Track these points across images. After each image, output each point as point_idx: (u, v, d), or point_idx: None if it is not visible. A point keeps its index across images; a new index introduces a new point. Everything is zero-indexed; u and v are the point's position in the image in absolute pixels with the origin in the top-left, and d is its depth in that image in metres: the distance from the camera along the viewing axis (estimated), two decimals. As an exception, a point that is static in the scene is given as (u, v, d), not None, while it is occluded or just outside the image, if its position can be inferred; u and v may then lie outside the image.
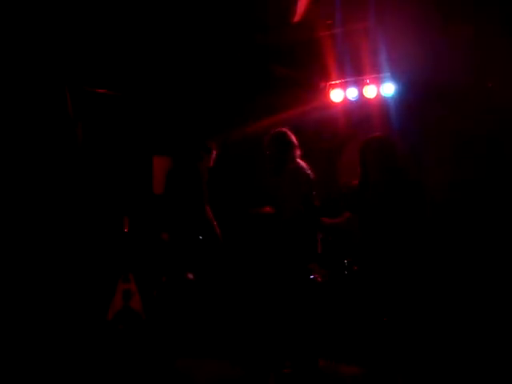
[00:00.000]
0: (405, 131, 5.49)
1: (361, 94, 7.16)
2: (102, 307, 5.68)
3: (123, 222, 6.25)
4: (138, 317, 5.82)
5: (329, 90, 7.42)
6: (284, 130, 5.19)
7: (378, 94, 7.02)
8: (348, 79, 7.21)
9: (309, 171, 5.07)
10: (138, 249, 6.40)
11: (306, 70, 7.10)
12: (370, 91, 7.05)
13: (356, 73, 7.05)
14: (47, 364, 4.64)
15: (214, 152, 6.24)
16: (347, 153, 7.46)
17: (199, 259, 5.95)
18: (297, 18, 5.77)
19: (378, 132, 5.07)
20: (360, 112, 7.34)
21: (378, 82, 6.98)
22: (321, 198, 5.50)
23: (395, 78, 6.60)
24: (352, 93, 7.24)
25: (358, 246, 4.81)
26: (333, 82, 7.36)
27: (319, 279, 5.51)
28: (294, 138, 5.16)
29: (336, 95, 7.38)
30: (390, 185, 4.41)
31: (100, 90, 6.76)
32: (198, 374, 4.64)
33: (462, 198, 5.11)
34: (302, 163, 5.06)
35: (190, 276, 5.83)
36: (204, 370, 4.71)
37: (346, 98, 7.34)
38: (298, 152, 5.11)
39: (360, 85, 7.15)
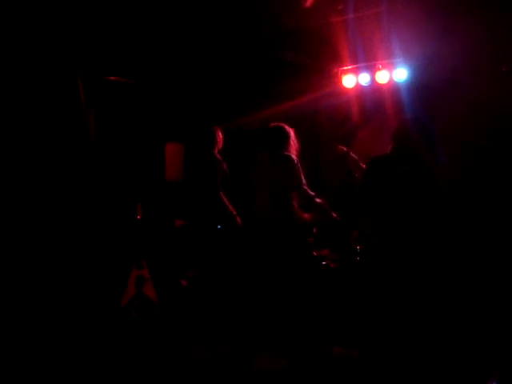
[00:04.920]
0: (417, 117, 5.47)
1: (373, 79, 7.14)
2: (115, 294, 5.65)
3: (136, 209, 6.14)
4: (151, 303, 5.74)
5: (341, 75, 7.41)
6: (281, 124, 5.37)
7: (391, 80, 7.00)
8: (360, 65, 7.20)
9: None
10: (151, 236, 6.31)
11: (318, 56, 7.06)
12: (383, 77, 7.03)
13: (368, 58, 7.03)
14: (59, 351, 4.68)
15: (221, 135, 6.30)
16: (360, 138, 7.47)
17: (217, 248, 6.04)
18: (308, 3, 5.73)
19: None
20: (372, 98, 7.34)
21: (391, 67, 6.97)
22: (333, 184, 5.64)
23: (408, 63, 6.75)
24: (364, 78, 7.22)
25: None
26: (345, 68, 7.35)
27: (332, 265, 5.60)
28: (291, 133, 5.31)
29: (348, 81, 7.37)
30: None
31: (112, 78, 6.70)
32: (214, 362, 4.64)
33: (475, 185, 5.25)
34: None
35: (184, 283, 5.92)
36: (221, 358, 4.71)
37: (358, 84, 7.32)
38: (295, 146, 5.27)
39: (372, 70, 7.13)
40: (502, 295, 4.63)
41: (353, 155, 5.62)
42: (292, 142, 5.32)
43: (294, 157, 5.23)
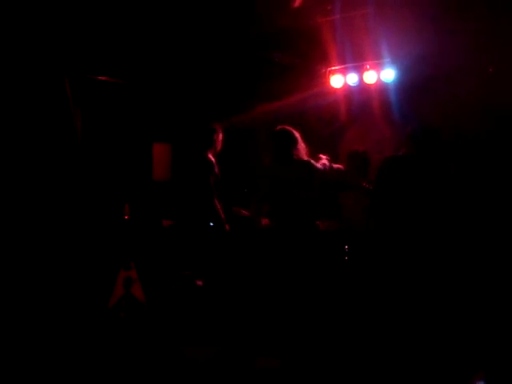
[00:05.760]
0: (405, 117, 5.53)
1: (361, 79, 7.11)
2: (102, 295, 5.60)
3: (124, 209, 6.12)
4: (139, 304, 5.73)
5: (329, 75, 7.37)
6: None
7: (378, 80, 6.99)
8: (348, 65, 7.16)
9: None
10: (138, 236, 6.29)
11: (306, 56, 7.05)
12: (370, 77, 7.01)
13: (356, 59, 7.00)
14: (47, 353, 4.61)
15: (221, 134, 6.16)
16: (347, 138, 7.44)
17: (209, 246, 5.98)
18: (296, 3, 5.73)
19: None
20: (360, 98, 7.33)
21: (378, 67, 6.95)
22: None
23: (395, 63, 6.75)
24: (352, 78, 7.20)
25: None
26: (333, 68, 7.30)
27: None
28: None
29: (336, 81, 7.33)
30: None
31: (101, 78, 6.69)
32: (202, 361, 4.58)
33: (465, 185, 5.13)
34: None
35: (199, 283, 5.89)
36: (208, 356, 4.63)
37: (346, 84, 7.30)
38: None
39: (360, 70, 7.10)
40: (501, 296, 4.66)
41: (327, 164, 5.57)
42: (300, 145, 5.27)
43: (309, 160, 5.25)
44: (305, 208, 5.15)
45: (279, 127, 5.30)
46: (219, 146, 6.12)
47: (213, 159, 6.01)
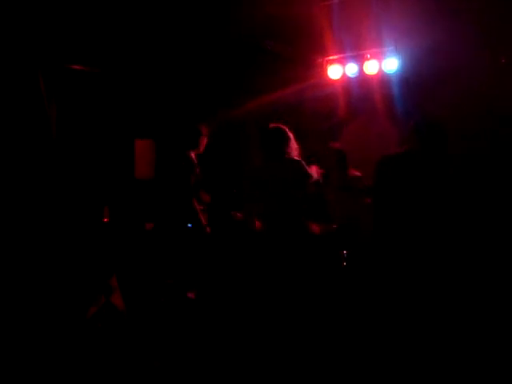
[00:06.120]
0: (408, 111, 5.64)
1: (361, 70, 6.96)
2: (80, 304, 5.44)
3: (103, 212, 6.21)
4: (119, 313, 5.58)
5: (326, 66, 7.17)
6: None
7: (380, 71, 6.82)
8: (347, 54, 6.99)
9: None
10: (119, 241, 6.29)
11: (301, 44, 6.83)
12: (371, 67, 6.83)
13: (356, 47, 6.86)
14: (21, 364, 4.44)
15: (205, 137, 6.09)
16: (346, 134, 7.28)
17: (187, 248, 5.85)
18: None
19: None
20: (360, 90, 7.17)
21: (380, 56, 6.77)
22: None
23: (399, 52, 6.56)
24: (351, 69, 7.03)
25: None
26: (330, 58, 7.12)
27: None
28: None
29: (334, 72, 7.14)
30: None
31: (75, 67, 6.45)
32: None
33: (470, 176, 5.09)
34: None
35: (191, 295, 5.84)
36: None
37: (344, 75, 7.12)
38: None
39: (360, 60, 6.94)
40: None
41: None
42: (292, 145, 5.15)
43: (300, 159, 5.16)
44: (297, 209, 5.08)
45: (272, 125, 5.19)
46: (202, 148, 6.05)
47: (195, 159, 5.92)
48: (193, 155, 5.89)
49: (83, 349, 4.94)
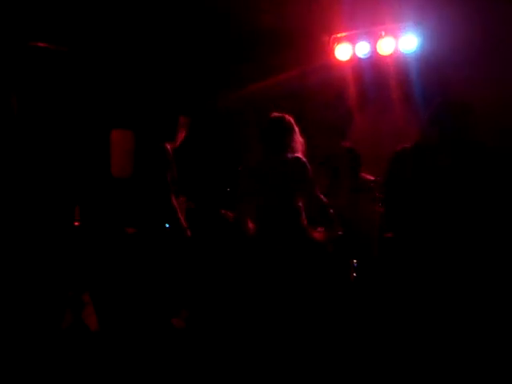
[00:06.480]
0: (427, 95, 5.41)
1: (374, 49, 6.69)
2: (47, 320, 5.30)
3: (73, 214, 5.87)
4: (90, 332, 5.43)
5: (333, 44, 6.93)
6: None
7: (396, 50, 6.58)
8: (358, 31, 6.74)
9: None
10: (92, 247, 6.01)
11: (304, 19, 6.42)
12: (386, 46, 6.57)
13: (368, 23, 6.58)
14: None
15: (184, 130, 5.94)
16: (357, 124, 7.13)
17: (166, 249, 5.70)
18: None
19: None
20: (373, 73, 6.87)
21: (397, 33, 6.53)
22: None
23: (418, 28, 6.40)
24: (363, 48, 6.75)
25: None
26: (338, 35, 6.87)
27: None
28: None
29: (343, 52, 6.88)
30: None
31: (40, 44, 6.10)
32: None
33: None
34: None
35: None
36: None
37: (354, 55, 6.86)
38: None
39: (373, 38, 6.68)
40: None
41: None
42: (297, 138, 4.87)
43: (302, 156, 4.90)
44: (297, 211, 4.74)
45: (275, 114, 4.90)
46: (179, 141, 5.94)
47: (171, 153, 5.75)
48: (169, 148, 5.73)
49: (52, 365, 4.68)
